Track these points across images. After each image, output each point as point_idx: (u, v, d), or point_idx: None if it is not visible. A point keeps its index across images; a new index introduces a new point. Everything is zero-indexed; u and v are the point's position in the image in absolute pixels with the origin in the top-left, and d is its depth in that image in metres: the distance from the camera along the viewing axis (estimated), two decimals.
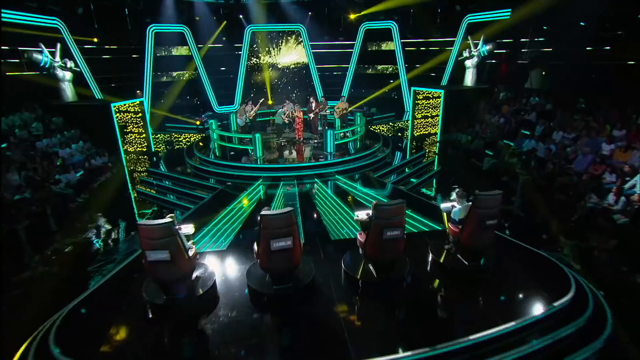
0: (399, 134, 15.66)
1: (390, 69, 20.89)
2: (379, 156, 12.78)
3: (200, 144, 13.76)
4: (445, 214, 6.30)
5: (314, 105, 13.89)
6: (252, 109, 14.13)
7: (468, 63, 15.30)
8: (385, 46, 20.65)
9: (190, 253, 5.33)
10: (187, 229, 5.67)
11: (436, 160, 13.28)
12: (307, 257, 6.10)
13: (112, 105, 12.62)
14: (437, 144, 14.60)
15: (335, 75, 21.01)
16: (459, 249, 6.04)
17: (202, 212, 8.84)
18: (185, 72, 19.50)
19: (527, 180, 8.91)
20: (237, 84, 19.85)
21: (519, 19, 13.47)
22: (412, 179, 11.87)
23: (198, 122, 16.05)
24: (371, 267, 5.76)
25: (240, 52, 19.67)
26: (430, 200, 9.64)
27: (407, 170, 12.23)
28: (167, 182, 11.24)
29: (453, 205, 6.14)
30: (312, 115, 13.95)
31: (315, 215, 8.58)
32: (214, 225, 8.10)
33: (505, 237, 6.78)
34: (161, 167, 12.83)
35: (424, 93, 15.11)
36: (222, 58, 19.92)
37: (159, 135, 15.39)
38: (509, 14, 14.23)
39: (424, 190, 11.67)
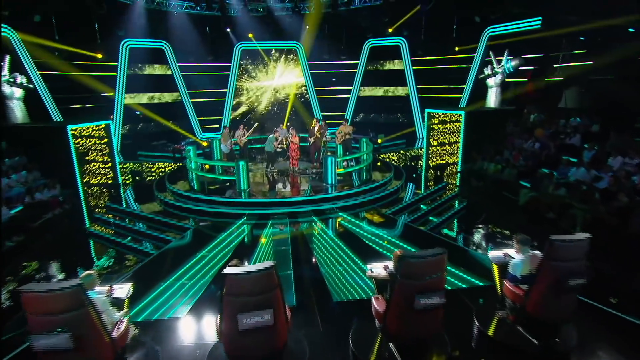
0: (413, 163, 14.40)
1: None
2: (390, 189, 11.41)
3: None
4: (495, 266, 4.76)
5: (316, 128, 12.69)
6: (243, 134, 12.94)
7: (491, 82, 14.43)
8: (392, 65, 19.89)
9: (119, 330, 3.77)
10: (121, 291, 4.17)
11: (458, 193, 11.86)
12: (299, 331, 4.52)
13: (69, 127, 11.48)
14: (458, 174, 13.45)
15: (336, 98, 20.33)
16: (520, 318, 4.45)
17: (162, 262, 7.37)
18: (164, 93, 18.77)
19: (587, 218, 7.40)
20: (224, 107, 19.10)
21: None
22: (431, 217, 10.40)
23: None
24: (393, 348, 4.16)
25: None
26: (468, 246, 8.08)
27: (423, 207, 10.76)
28: (141, 225, 9.77)
29: (506, 254, 4.64)
30: (312, 139, 12.73)
31: (312, 265, 7.05)
32: (176, 280, 6.52)
33: (582, 300, 5.17)
34: (132, 202, 11.50)
35: (440, 116, 14.16)
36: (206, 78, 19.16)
37: (127, 164, 14.22)
38: (539, 23, 13.25)
39: (446, 230, 10.15)
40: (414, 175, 13.94)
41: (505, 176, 11.60)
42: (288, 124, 16.08)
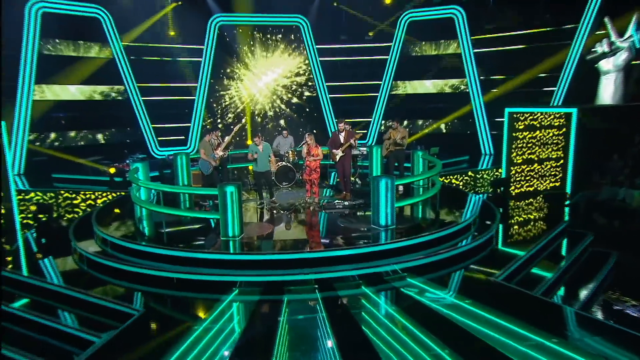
0: (498, 189, 12.58)
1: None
2: (481, 238, 8.97)
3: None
4: None
5: (342, 135, 10.88)
6: (218, 144, 11.36)
7: (607, 64, 12.87)
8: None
9: None
10: None
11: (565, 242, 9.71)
12: None
13: None
14: (566, 208, 11.93)
15: (353, 97, 19.91)
16: None
17: None
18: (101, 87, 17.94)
19: None
20: (194, 109, 18.18)
21: None
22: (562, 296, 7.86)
23: (112, 170, 14.13)
24: None
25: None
26: None
27: (542, 272, 8.26)
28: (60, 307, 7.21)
29: None
30: (339, 153, 10.77)
31: None
32: None
33: None
34: (45, 263, 9.12)
35: (527, 117, 12.50)
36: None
37: (34, 194, 12.56)
38: None
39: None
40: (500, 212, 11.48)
41: None
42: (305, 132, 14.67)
